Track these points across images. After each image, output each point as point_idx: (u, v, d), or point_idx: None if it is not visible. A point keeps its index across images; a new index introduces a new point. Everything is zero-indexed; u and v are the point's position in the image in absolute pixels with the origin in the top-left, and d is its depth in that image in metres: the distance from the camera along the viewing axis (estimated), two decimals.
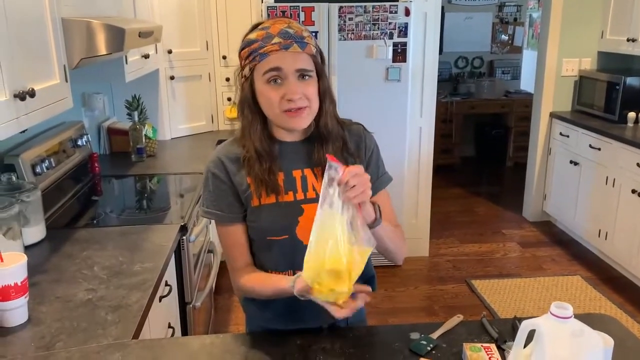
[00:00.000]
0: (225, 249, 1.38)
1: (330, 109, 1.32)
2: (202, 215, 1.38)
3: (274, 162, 1.29)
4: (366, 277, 1.44)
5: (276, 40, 1.22)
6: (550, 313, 1.01)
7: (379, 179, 1.39)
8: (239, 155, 1.31)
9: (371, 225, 1.20)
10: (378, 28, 3.39)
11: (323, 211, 1.13)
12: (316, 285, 1.14)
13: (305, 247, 1.24)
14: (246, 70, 1.27)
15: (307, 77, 1.25)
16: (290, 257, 1.31)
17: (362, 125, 1.42)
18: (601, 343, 1.01)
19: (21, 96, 1.48)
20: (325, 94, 1.30)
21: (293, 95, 1.22)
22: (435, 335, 1.33)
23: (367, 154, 1.38)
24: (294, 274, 1.31)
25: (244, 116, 1.31)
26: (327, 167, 1.13)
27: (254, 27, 1.28)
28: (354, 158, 1.35)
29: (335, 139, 1.32)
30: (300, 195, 1.30)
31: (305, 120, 1.27)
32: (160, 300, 1.81)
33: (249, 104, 1.28)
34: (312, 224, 1.14)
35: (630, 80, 3.80)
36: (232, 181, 1.31)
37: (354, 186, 1.11)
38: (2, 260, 1.39)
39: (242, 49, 1.28)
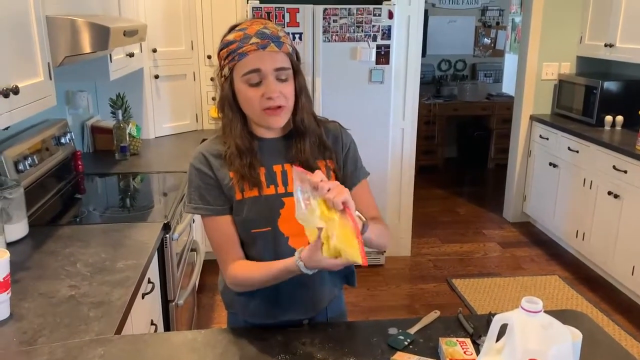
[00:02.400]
0: (215, 243, 1.38)
1: (306, 105, 1.36)
2: (189, 212, 1.39)
3: (254, 157, 1.33)
4: (345, 272, 1.48)
5: (254, 40, 1.27)
6: (521, 307, 1.05)
7: (357, 170, 1.44)
8: (221, 152, 1.35)
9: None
10: (362, 30, 3.43)
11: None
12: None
13: (287, 239, 1.31)
14: (225, 70, 1.31)
15: (284, 77, 1.29)
16: (274, 249, 1.34)
17: (338, 123, 1.46)
18: (569, 336, 1.05)
19: (4, 93, 1.49)
20: (301, 91, 1.34)
21: (272, 94, 1.27)
22: (412, 330, 1.37)
23: (344, 149, 1.42)
24: None
25: (224, 114, 1.35)
26: (294, 178, 1.16)
27: (232, 29, 1.33)
28: (330, 153, 1.39)
29: (312, 135, 1.37)
30: (281, 189, 1.34)
31: (282, 119, 1.32)
32: (143, 298, 1.82)
33: (229, 103, 1.32)
34: (293, 216, 1.17)
35: (608, 85, 3.89)
36: (216, 175, 1.34)
37: (329, 189, 1.13)
38: None
39: (220, 49, 1.32)
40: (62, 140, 2.64)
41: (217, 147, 1.36)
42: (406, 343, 1.31)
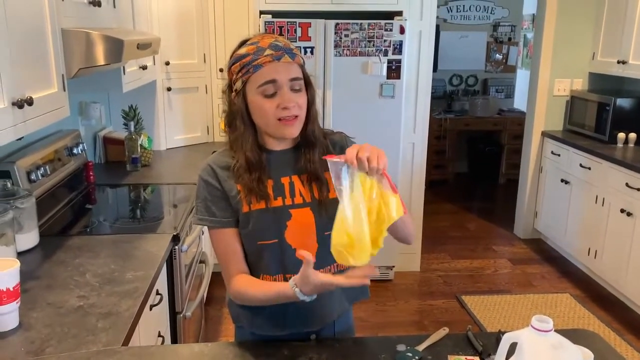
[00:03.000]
0: (220, 255, 1.39)
1: (316, 116, 1.38)
2: (196, 223, 1.40)
3: (263, 171, 1.34)
4: (359, 288, 1.47)
5: (268, 52, 1.28)
6: (531, 326, 1.03)
7: None
8: (229, 164, 1.36)
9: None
10: (373, 45, 3.45)
11: (345, 201, 1.16)
12: (340, 248, 1.17)
13: (294, 250, 1.30)
14: (238, 84, 1.32)
15: (298, 88, 1.31)
16: (280, 261, 1.34)
17: (344, 133, 1.48)
18: (581, 357, 1.04)
19: (19, 104, 1.51)
20: (312, 102, 1.37)
21: (288, 104, 1.28)
22: (421, 347, 1.35)
23: None
24: (284, 277, 1.34)
25: (235, 128, 1.36)
26: (330, 167, 1.17)
27: (243, 43, 1.35)
28: None
29: (320, 146, 1.38)
30: (288, 201, 1.35)
31: (297, 129, 1.33)
32: (150, 309, 1.82)
33: (242, 116, 1.33)
34: (300, 228, 1.18)
35: (620, 102, 3.87)
36: (223, 187, 1.35)
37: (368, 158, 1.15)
38: None
39: (232, 64, 1.33)
40: (75, 151, 2.66)
41: (225, 159, 1.38)
42: None
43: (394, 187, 1.17)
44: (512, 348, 1.07)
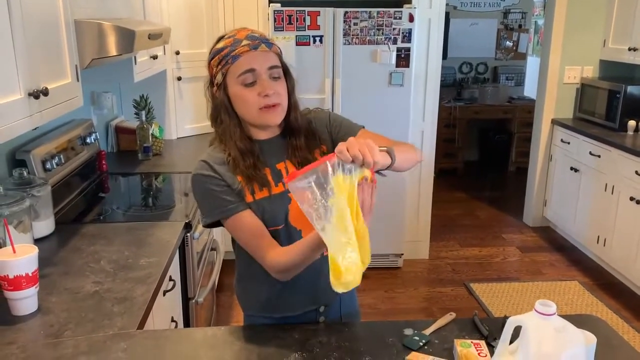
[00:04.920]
0: (246, 239, 1.36)
1: (297, 103, 1.42)
2: (207, 225, 1.38)
3: (257, 159, 1.36)
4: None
5: (245, 42, 1.32)
6: (535, 310, 1.06)
7: (350, 126, 1.46)
8: (224, 159, 1.37)
9: (389, 166, 1.23)
10: (382, 33, 3.45)
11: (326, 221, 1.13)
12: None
13: (299, 231, 1.35)
14: (219, 77, 1.35)
15: (277, 76, 1.34)
16: (288, 244, 1.36)
17: (319, 108, 1.51)
18: (583, 340, 1.06)
19: (35, 94, 1.55)
20: (292, 90, 1.40)
21: (268, 91, 1.31)
22: (428, 331, 1.38)
23: (327, 124, 1.47)
24: None
25: (221, 121, 1.38)
26: (296, 191, 1.13)
27: (220, 39, 1.38)
28: (320, 139, 1.44)
29: (305, 130, 1.42)
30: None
31: (279, 116, 1.36)
32: (164, 295, 1.87)
33: (226, 108, 1.36)
34: (300, 209, 1.17)
35: (631, 89, 3.84)
36: (225, 180, 1.35)
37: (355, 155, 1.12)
38: (14, 252, 1.45)
39: (211, 58, 1.37)
40: (88, 140, 2.70)
41: (218, 155, 1.38)
42: (421, 344, 1.33)
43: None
44: (517, 332, 1.10)
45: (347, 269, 1.11)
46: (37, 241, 1.89)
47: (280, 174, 1.39)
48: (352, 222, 1.12)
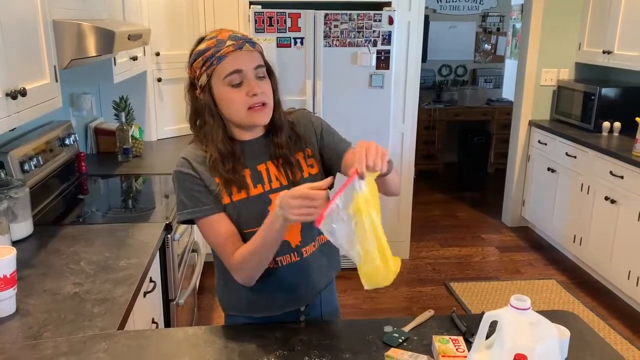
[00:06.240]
0: (217, 241, 1.36)
1: (280, 102, 1.43)
2: (181, 221, 1.38)
3: (237, 161, 1.37)
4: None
5: (229, 42, 1.32)
6: (510, 305, 1.08)
7: (341, 141, 1.48)
8: (203, 157, 1.37)
9: (385, 174, 1.26)
10: (362, 36, 3.48)
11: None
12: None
13: None
14: (203, 79, 1.34)
15: (262, 76, 1.35)
16: None
17: (306, 110, 1.52)
18: (557, 334, 1.09)
19: (13, 95, 1.53)
20: (276, 88, 1.41)
21: (256, 90, 1.32)
22: (407, 328, 1.41)
23: (318, 131, 1.47)
24: (274, 261, 1.40)
25: (203, 123, 1.38)
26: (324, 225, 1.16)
27: (200, 41, 1.38)
28: (305, 142, 1.45)
29: (287, 129, 1.43)
30: (267, 187, 1.39)
31: (267, 115, 1.37)
32: (144, 296, 1.86)
33: (210, 110, 1.36)
34: None
35: (605, 91, 3.93)
36: (203, 179, 1.36)
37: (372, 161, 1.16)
38: None
39: (194, 60, 1.36)
40: (66, 142, 2.68)
41: (199, 152, 1.38)
42: (400, 340, 1.35)
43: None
44: (494, 328, 1.12)
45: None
46: (15, 243, 1.87)
47: (260, 175, 1.39)
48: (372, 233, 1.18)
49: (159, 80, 3.61)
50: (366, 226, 1.16)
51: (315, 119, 1.50)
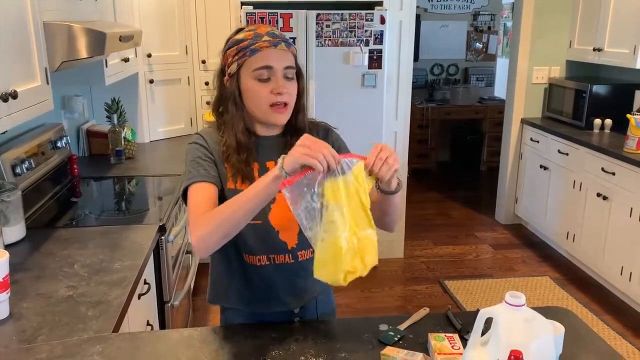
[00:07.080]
0: (196, 203, 1.30)
1: (305, 106, 1.44)
2: (183, 194, 1.36)
3: (250, 154, 1.38)
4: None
5: (266, 38, 1.33)
6: (505, 302, 1.09)
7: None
8: (220, 140, 1.39)
9: (393, 192, 1.28)
10: (354, 35, 3.48)
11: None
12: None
13: (277, 232, 1.36)
14: (233, 67, 1.35)
15: (290, 77, 1.36)
16: (264, 241, 1.39)
17: (327, 124, 1.52)
18: (552, 329, 1.10)
19: (4, 97, 1.52)
20: (302, 92, 1.41)
21: (282, 89, 1.33)
22: (402, 326, 1.41)
23: (336, 144, 1.47)
24: (267, 258, 1.40)
25: (226, 111, 1.39)
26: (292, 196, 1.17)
27: (239, 30, 1.39)
28: None
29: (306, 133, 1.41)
30: None
31: (286, 116, 1.38)
32: (139, 298, 1.85)
33: (234, 99, 1.37)
34: (283, 210, 1.21)
35: (596, 88, 3.95)
36: (214, 157, 1.38)
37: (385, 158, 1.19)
38: None
39: (229, 47, 1.37)
40: (58, 144, 2.67)
41: (216, 135, 1.41)
42: (396, 339, 1.35)
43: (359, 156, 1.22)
44: (489, 325, 1.13)
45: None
46: (7, 247, 1.86)
47: (267, 171, 1.39)
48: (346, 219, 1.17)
49: (151, 81, 3.60)
50: (333, 216, 1.16)
51: (334, 134, 1.50)
